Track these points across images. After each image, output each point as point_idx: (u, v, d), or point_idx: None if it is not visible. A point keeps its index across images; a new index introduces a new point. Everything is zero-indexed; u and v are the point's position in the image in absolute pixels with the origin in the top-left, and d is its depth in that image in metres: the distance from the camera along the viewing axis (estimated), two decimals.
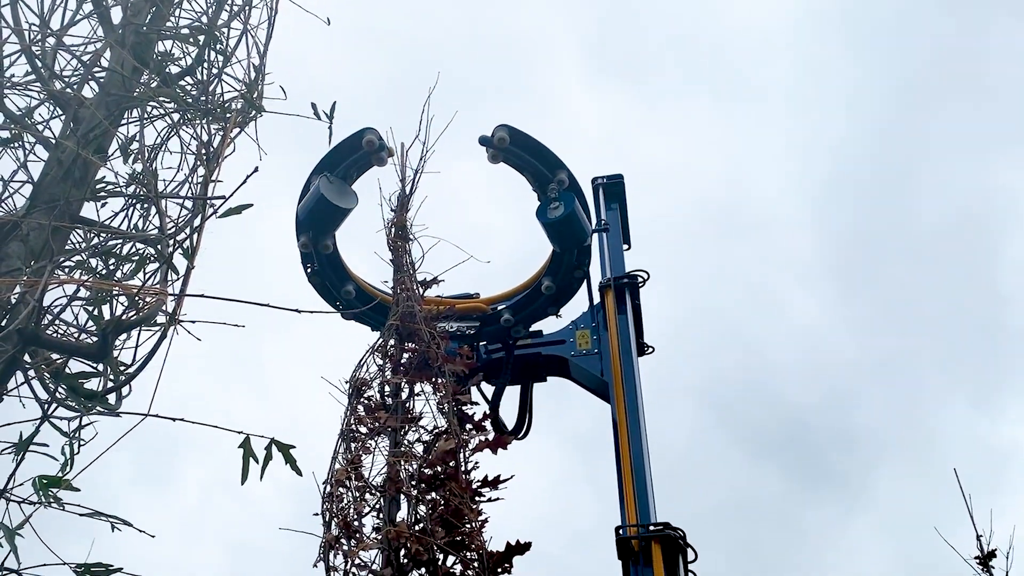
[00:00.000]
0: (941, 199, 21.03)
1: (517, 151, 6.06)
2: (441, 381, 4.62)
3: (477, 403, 4.77)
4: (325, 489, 4.18)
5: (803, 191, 22.68)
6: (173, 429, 3.14)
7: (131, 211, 4.19)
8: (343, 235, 6.08)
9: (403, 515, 4.14)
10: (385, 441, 4.45)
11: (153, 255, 3.95)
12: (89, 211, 4.14)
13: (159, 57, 4.67)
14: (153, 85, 4.50)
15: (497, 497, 4.28)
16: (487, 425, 4.67)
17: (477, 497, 4.24)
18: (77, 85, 4.44)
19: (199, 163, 4.33)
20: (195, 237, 3.65)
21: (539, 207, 6.11)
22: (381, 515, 4.14)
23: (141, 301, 3.58)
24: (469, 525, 4.10)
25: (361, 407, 4.56)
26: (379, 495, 4.20)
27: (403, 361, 4.74)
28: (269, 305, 3.17)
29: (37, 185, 4.02)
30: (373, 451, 4.37)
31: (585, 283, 6.51)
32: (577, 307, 6.64)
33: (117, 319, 3.55)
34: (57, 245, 3.79)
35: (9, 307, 3.47)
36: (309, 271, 6.15)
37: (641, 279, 6.58)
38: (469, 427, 4.54)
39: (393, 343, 4.82)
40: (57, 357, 3.69)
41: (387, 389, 4.69)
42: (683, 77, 23.63)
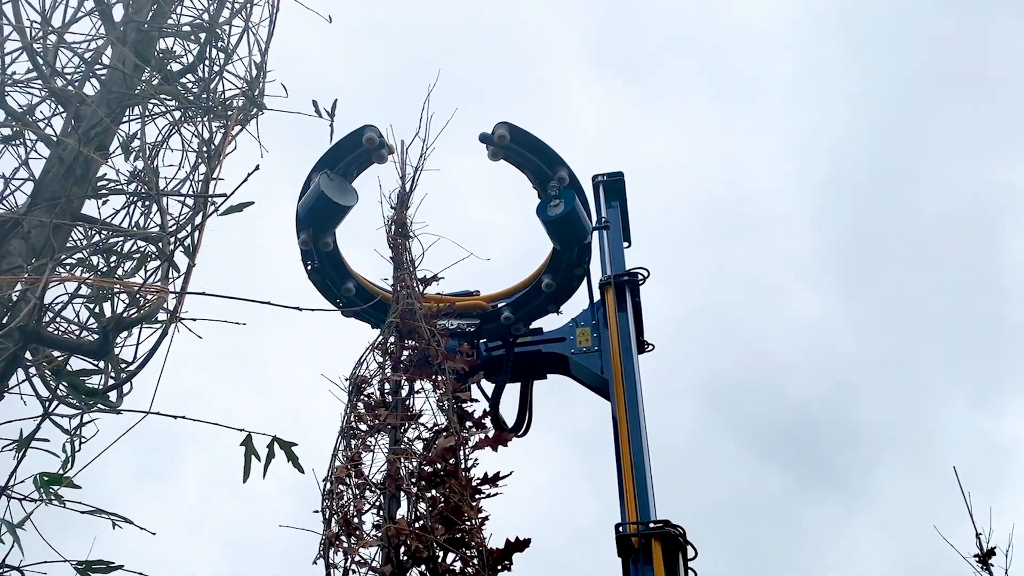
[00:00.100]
0: (941, 198, 21.05)
1: (517, 148, 6.06)
2: (441, 378, 4.63)
3: (477, 400, 4.79)
4: (325, 486, 4.18)
5: (803, 190, 22.69)
6: (174, 427, 3.15)
7: (132, 209, 4.19)
8: (343, 232, 6.09)
9: (403, 512, 4.15)
10: (385, 438, 4.46)
11: (154, 253, 3.95)
12: (90, 209, 4.14)
13: (160, 54, 4.67)
14: (154, 82, 4.49)
15: (497, 494, 4.30)
16: (487, 422, 4.68)
17: (477, 494, 4.26)
18: (78, 82, 4.44)
19: (200, 161, 4.33)
20: (196, 235, 3.65)
21: (539, 204, 6.11)
22: (381, 512, 4.15)
23: (142, 299, 3.59)
24: (469, 522, 4.11)
25: (361, 404, 4.57)
26: (379, 492, 4.21)
27: (403, 358, 4.75)
28: (270, 303, 3.17)
29: (38, 183, 4.02)
30: (373, 448, 4.39)
31: (585, 281, 6.52)
32: (577, 305, 6.67)
33: (118, 317, 3.55)
34: (58, 243, 3.79)
35: (10, 304, 3.47)
36: (309, 268, 6.16)
37: (641, 277, 6.59)
38: (469, 424, 4.55)
39: (393, 340, 4.83)
40: (58, 354, 3.70)
41: (387, 386, 4.69)
42: (683, 76, 23.65)
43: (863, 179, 21.49)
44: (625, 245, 7.09)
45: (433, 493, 4.21)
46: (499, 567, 4.04)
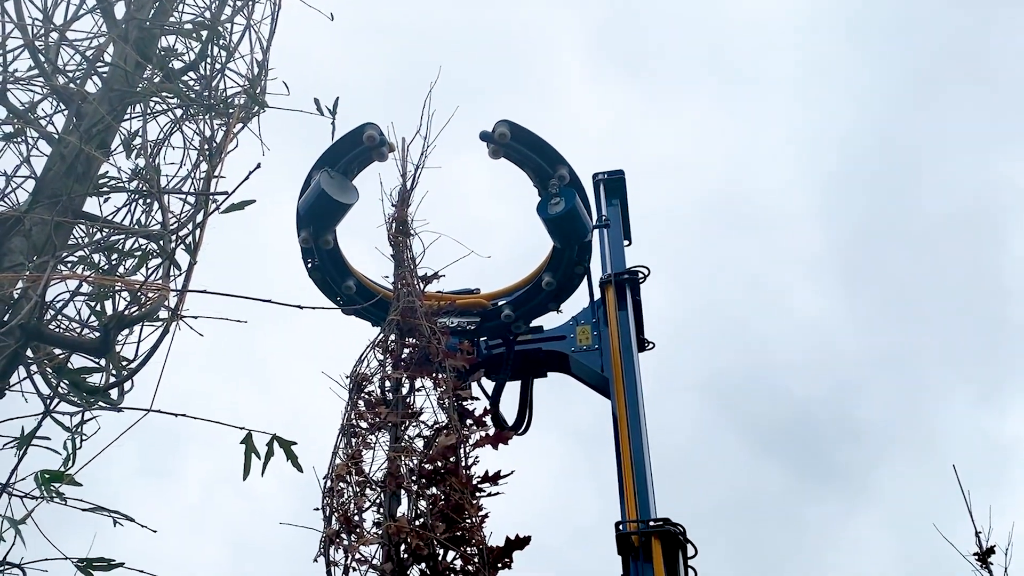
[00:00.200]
0: (944, 195, 21.02)
1: (518, 147, 6.06)
2: (442, 376, 4.63)
3: (478, 398, 4.79)
4: (326, 484, 4.19)
5: (809, 186, 22.66)
6: (175, 424, 3.16)
7: (134, 206, 4.20)
8: (344, 230, 6.10)
9: (403, 510, 4.16)
10: (385, 436, 4.47)
11: (155, 251, 3.96)
12: (92, 206, 4.14)
13: (162, 52, 4.67)
14: (156, 80, 4.49)
15: (497, 492, 4.30)
16: (488, 420, 4.68)
17: (477, 492, 4.26)
18: (80, 80, 4.44)
19: (202, 159, 4.34)
20: (197, 233, 3.66)
21: (540, 203, 6.11)
22: (381, 510, 4.16)
23: (143, 297, 3.59)
24: (469, 520, 4.11)
25: (362, 402, 4.58)
26: (379, 490, 4.22)
27: (404, 356, 4.75)
28: (271, 301, 3.17)
29: (40, 180, 4.02)
30: (373, 446, 4.39)
31: (586, 279, 6.52)
32: (578, 303, 6.67)
33: (119, 315, 3.55)
34: (59, 240, 3.79)
35: (11, 302, 3.47)
36: (310, 266, 6.16)
37: (641, 275, 6.59)
38: (470, 422, 4.56)
39: (394, 338, 4.84)
40: (59, 352, 3.70)
41: (388, 384, 4.70)
42: (686, 72, 23.62)
43: (866, 177, 21.49)
44: (626, 243, 7.10)
45: (433, 491, 4.21)
46: (499, 565, 4.05)
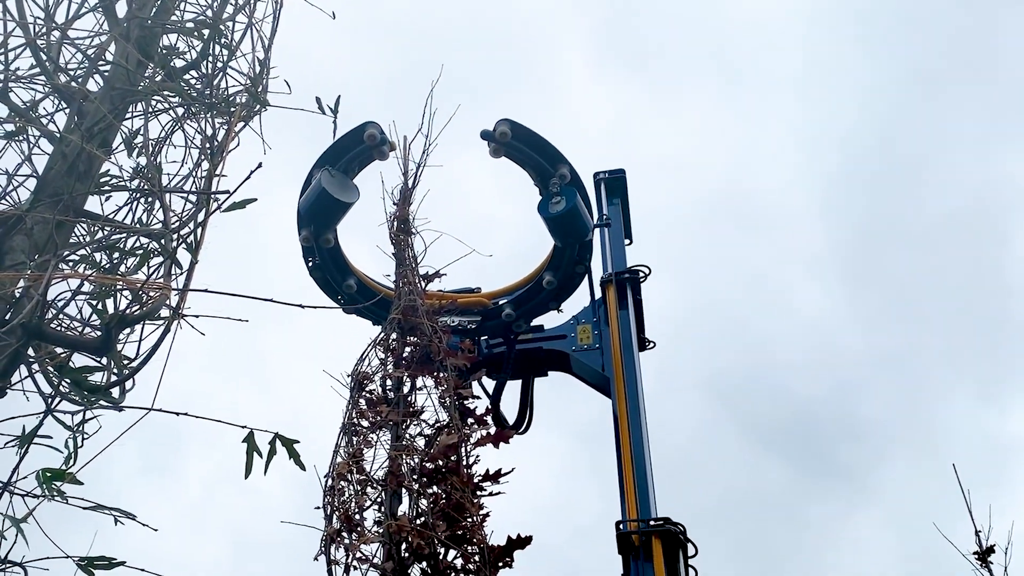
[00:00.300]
0: (948, 193, 20.99)
1: (519, 145, 6.07)
2: (443, 375, 4.64)
3: (479, 397, 4.80)
4: (327, 483, 4.19)
5: (810, 185, 22.63)
6: (177, 423, 3.16)
7: (135, 205, 4.21)
8: (345, 229, 6.10)
9: (404, 509, 4.16)
10: (387, 435, 4.47)
11: (157, 249, 3.96)
12: (93, 205, 4.15)
13: (164, 51, 4.67)
14: (158, 79, 4.50)
15: (498, 491, 4.30)
16: (488, 419, 4.69)
17: (478, 491, 4.26)
18: (82, 79, 4.45)
19: (203, 157, 4.34)
20: (199, 231, 3.65)
21: (540, 202, 6.12)
22: (382, 509, 4.16)
23: (145, 295, 3.59)
24: (470, 519, 4.11)
25: (363, 401, 4.58)
26: (380, 489, 4.22)
27: (405, 355, 4.76)
28: (272, 300, 3.17)
29: (41, 179, 4.03)
30: (375, 445, 4.40)
31: (586, 278, 6.52)
32: (578, 302, 6.67)
33: (121, 313, 3.55)
34: (61, 239, 3.80)
35: (13, 301, 3.48)
36: (311, 265, 6.17)
37: (642, 274, 6.59)
38: (471, 421, 4.56)
39: (395, 337, 4.84)
40: (61, 351, 3.71)
41: (389, 383, 4.71)
42: (689, 70, 23.58)
43: (867, 176, 21.45)
44: (627, 242, 7.09)
45: (434, 490, 4.22)
46: (500, 564, 4.05)
